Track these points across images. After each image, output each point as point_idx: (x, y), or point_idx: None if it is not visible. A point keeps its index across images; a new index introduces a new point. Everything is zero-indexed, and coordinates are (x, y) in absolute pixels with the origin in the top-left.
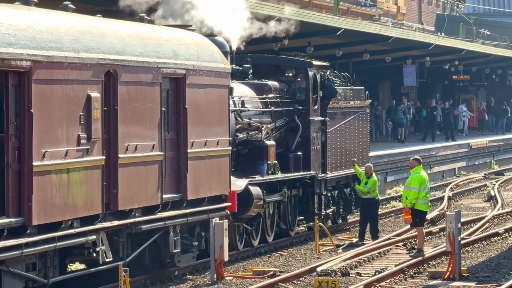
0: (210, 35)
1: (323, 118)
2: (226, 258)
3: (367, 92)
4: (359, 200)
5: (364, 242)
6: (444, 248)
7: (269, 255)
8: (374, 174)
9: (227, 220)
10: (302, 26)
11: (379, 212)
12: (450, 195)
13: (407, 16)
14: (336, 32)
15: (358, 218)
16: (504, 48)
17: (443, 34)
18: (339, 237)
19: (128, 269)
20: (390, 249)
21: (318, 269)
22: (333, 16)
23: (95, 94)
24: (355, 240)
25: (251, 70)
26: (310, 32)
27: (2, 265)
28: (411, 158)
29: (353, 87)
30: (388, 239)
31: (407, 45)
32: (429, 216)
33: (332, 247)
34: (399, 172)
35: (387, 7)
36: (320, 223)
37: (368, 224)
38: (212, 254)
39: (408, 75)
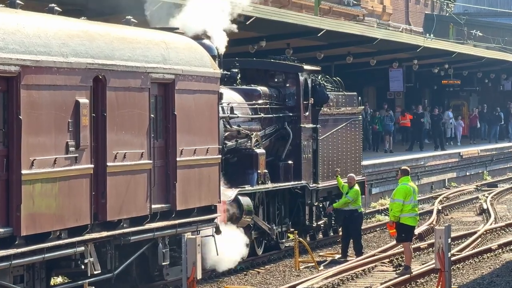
0: (197, 38)
1: (315, 125)
2: (199, 276)
3: (359, 98)
4: (341, 213)
5: (347, 259)
6: (433, 265)
7: (245, 272)
8: (357, 185)
9: (200, 235)
10: (281, 27)
11: (363, 227)
12: (440, 208)
13: (393, 16)
14: (317, 33)
15: None
16: (497, 50)
17: (432, 35)
18: (320, 253)
19: (93, 287)
20: (375, 266)
21: (298, 287)
22: (314, 16)
23: (84, 100)
24: (337, 256)
25: (239, 75)
26: (289, 33)
27: None
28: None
29: (345, 93)
30: (373, 255)
31: (394, 48)
32: (417, 231)
33: (313, 264)
34: (385, 184)
35: (372, 7)
36: (300, 238)
37: (351, 240)
38: (184, 272)
39: (394, 80)
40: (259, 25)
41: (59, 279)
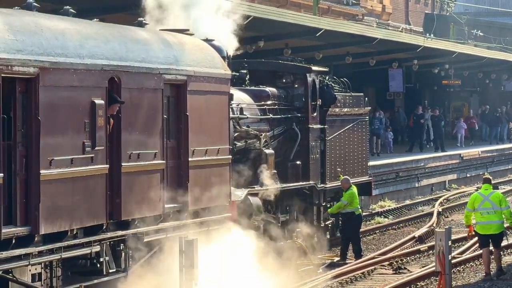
0: (207, 40)
1: (322, 126)
2: (197, 281)
3: (366, 98)
4: (339, 215)
5: (347, 262)
6: (434, 268)
7: None
8: (353, 187)
9: (197, 238)
10: (279, 26)
11: (362, 229)
12: (440, 210)
13: (393, 15)
14: (316, 33)
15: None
16: (499, 50)
17: (432, 35)
18: (319, 256)
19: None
20: (375, 269)
21: None
22: (312, 16)
23: (99, 101)
24: (336, 259)
25: (247, 76)
26: (287, 33)
27: (10, 274)
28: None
29: (353, 94)
30: (373, 258)
31: (393, 47)
32: (417, 234)
33: (312, 266)
34: (384, 186)
35: (371, 6)
36: (298, 241)
37: (351, 242)
38: (180, 276)
39: (394, 80)
40: (257, 24)
41: None
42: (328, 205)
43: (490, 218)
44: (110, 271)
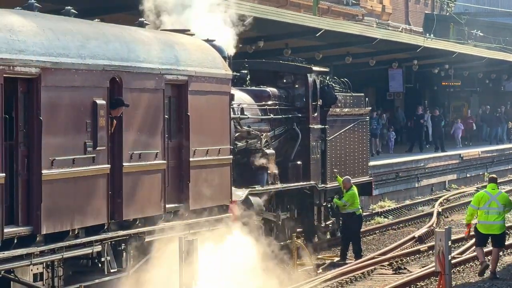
0: (208, 40)
1: (323, 126)
2: (196, 281)
3: (367, 99)
4: (340, 216)
5: (347, 262)
6: (433, 268)
7: None
8: (354, 188)
9: (197, 238)
10: (279, 26)
11: (363, 229)
12: (440, 210)
13: (393, 16)
14: (315, 33)
15: None
16: (498, 50)
17: (432, 35)
18: (319, 256)
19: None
20: (375, 269)
21: None
22: (312, 16)
23: (101, 101)
24: (336, 259)
25: (248, 76)
26: (287, 33)
27: (12, 274)
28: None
29: (353, 94)
30: (372, 258)
31: (393, 48)
32: (417, 234)
33: (312, 266)
34: (384, 186)
35: (371, 6)
36: (297, 241)
37: (351, 242)
38: (180, 276)
39: (394, 80)
40: (257, 24)
41: None
42: (329, 205)
43: (494, 219)
44: (112, 270)
